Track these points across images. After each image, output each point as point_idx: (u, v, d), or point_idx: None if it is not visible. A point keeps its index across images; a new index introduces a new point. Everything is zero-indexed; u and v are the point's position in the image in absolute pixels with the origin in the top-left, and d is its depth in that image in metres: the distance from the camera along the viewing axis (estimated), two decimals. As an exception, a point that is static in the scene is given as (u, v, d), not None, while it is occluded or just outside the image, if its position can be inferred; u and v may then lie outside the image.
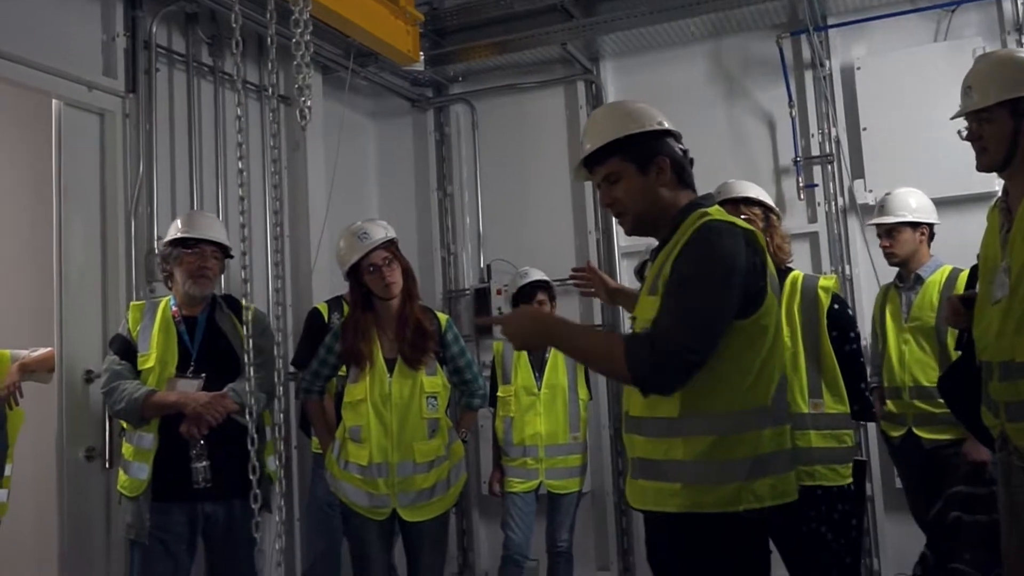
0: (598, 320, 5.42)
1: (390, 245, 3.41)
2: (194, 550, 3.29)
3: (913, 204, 3.99)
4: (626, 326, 4.97)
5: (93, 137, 3.88)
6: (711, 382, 2.04)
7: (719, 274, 2.03)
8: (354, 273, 3.41)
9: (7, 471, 3.87)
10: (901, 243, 3.96)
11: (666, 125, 2.24)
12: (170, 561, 3.20)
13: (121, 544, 3.42)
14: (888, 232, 3.99)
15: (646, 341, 2.04)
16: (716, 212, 2.18)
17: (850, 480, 2.88)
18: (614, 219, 2.44)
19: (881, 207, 4.06)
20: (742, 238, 2.07)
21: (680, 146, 2.27)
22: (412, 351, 3.37)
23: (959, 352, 2.60)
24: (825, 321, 2.93)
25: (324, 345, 3.48)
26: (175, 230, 3.38)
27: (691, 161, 2.28)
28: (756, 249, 2.09)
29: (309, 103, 2.03)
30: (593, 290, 2.92)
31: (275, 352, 2.09)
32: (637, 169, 2.20)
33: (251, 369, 2.06)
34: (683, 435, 2.07)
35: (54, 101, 3.76)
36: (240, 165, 1.94)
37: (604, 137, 2.22)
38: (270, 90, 3.58)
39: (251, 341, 2.02)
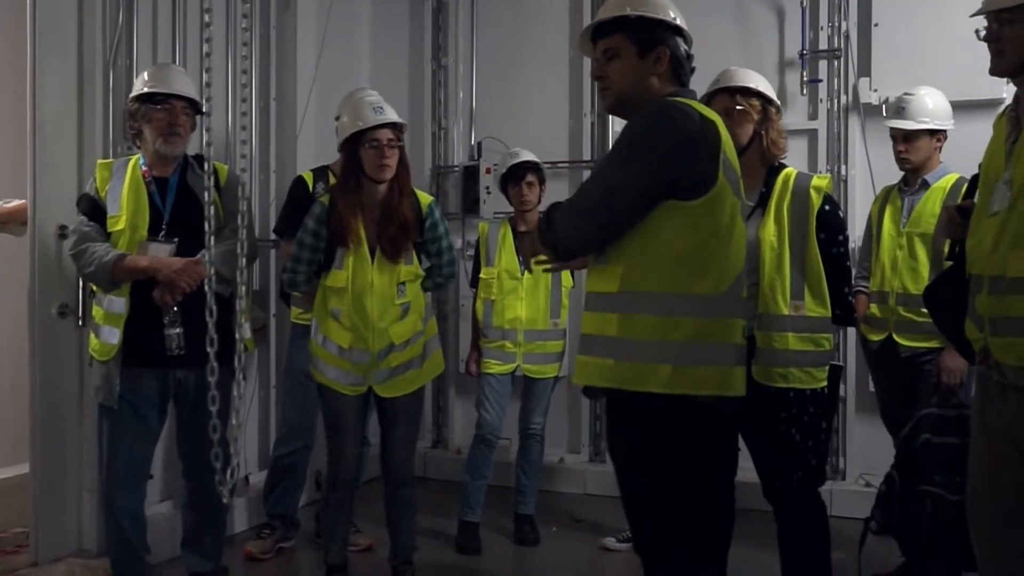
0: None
1: (399, 130, 3.35)
2: (164, 415, 3.27)
3: (931, 106, 3.75)
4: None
5: (71, -21, 3.69)
6: (645, 260, 2.12)
7: (642, 143, 2.11)
8: (351, 144, 3.30)
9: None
10: (917, 150, 3.75)
11: (679, 23, 2.28)
12: (140, 425, 3.17)
13: (93, 404, 3.40)
14: (905, 137, 3.76)
15: (553, 206, 2.23)
16: (686, 101, 2.20)
17: (824, 384, 2.87)
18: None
19: (900, 109, 3.80)
20: (695, 120, 2.11)
21: (685, 47, 2.30)
22: (391, 245, 3.32)
23: (950, 262, 2.55)
24: (814, 222, 2.85)
25: (307, 230, 3.36)
26: (141, 84, 3.19)
27: (693, 69, 2.32)
28: (710, 134, 2.12)
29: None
30: None
31: (240, 220, 2.01)
32: (637, 51, 2.24)
33: (211, 239, 1.99)
34: (618, 311, 2.13)
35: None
36: (207, 19, 1.82)
37: (616, 11, 2.26)
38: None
39: (211, 208, 1.94)
